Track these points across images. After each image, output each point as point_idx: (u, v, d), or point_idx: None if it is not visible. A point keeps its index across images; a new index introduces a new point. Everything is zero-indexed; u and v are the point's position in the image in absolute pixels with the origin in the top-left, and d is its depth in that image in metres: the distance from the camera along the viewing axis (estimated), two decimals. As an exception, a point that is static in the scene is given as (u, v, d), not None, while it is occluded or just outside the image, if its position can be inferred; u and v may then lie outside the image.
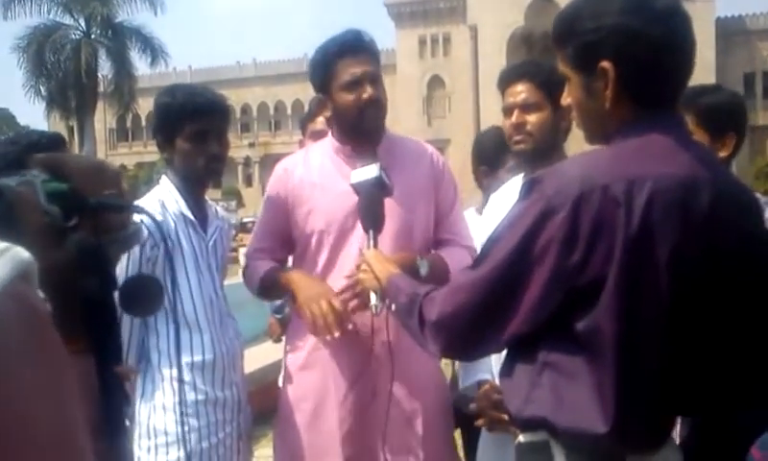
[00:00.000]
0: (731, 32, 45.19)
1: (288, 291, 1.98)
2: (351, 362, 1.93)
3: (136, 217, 0.87)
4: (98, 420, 0.82)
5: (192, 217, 2.03)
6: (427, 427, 1.97)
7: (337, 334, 1.79)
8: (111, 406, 0.87)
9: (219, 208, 2.28)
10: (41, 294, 0.63)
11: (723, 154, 1.96)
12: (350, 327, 1.85)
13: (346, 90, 1.91)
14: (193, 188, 2.07)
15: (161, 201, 2.01)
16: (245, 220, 23.10)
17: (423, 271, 1.85)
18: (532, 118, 1.93)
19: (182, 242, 2.00)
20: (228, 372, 2.05)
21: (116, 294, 0.87)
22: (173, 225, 1.99)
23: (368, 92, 1.90)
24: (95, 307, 0.80)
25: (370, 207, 1.73)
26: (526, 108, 1.94)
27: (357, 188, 1.75)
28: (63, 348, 0.56)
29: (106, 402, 0.84)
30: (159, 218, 1.95)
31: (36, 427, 0.48)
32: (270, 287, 2.04)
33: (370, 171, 1.73)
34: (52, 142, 1.84)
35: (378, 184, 1.73)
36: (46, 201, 0.74)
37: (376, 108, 1.93)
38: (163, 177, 2.09)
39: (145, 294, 0.93)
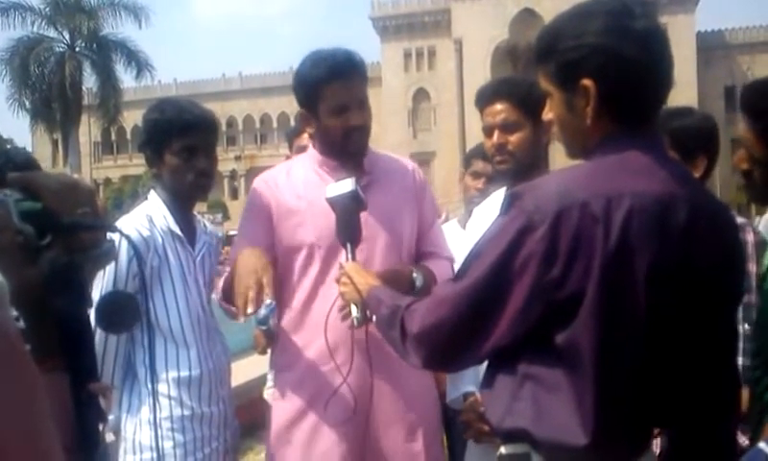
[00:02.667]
0: (711, 46, 45.90)
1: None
2: (331, 378, 1.90)
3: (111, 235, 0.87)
4: (73, 437, 0.81)
5: (180, 232, 2.04)
6: (422, 439, 1.95)
7: (242, 320, 1.65)
8: (86, 423, 0.86)
9: (207, 223, 2.28)
10: (14, 312, 0.63)
11: (695, 175, 1.99)
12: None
13: (333, 115, 1.91)
14: (181, 203, 2.07)
15: (149, 216, 2.01)
16: (231, 233, 22.98)
17: (419, 283, 1.87)
18: (513, 138, 1.94)
19: (170, 257, 2.00)
20: (216, 387, 2.04)
21: (91, 311, 0.87)
22: (160, 240, 1.99)
23: (355, 119, 1.91)
24: (69, 325, 0.80)
25: (346, 221, 1.73)
26: (506, 128, 1.95)
27: (332, 202, 1.75)
28: (34, 367, 0.55)
29: (80, 419, 0.84)
30: (146, 233, 1.96)
31: (6, 447, 0.48)
32: (228, 285, 1.87)
33: (345, 185, 1.73)
34: (21, 163, 1.83)
35: (354, 198, 1.73)
36: (20, 220, 0.74)
37: (362, 133, 1.94)
38: (151, 192, 2.10)
39: (121, 310, 0.93)
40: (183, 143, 1.98)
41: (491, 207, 2.06)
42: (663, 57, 1.22)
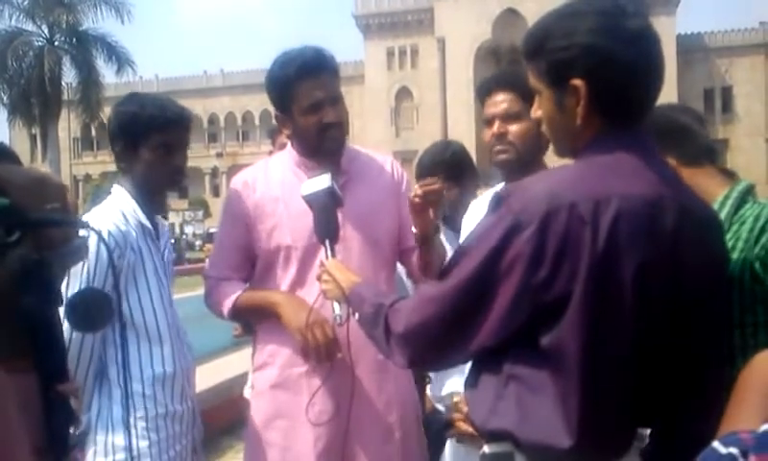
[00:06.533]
0: (690, 48, 46.47)
1: (271, 315, 1.91)
2: (310, 378, 1.89)
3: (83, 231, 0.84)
4: (42, 438, 0.78)
5: (151, 227, 2.01)
6: (398, 442, 1.94)
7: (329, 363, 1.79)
8: (56, 424, 0.84)
9: (161, 218, 2.24)
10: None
11: None
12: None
13: (307, 113, 1.89)
14: (152, 198, 2.04)
15: (122, 211, 1.97)
16: (211, 230, 22.90)
17: None
18: (513, 128, 1.92)
19: (143, 253, 1.97)
20: (185, 384, 2.03)
21: (62, 310, 0.83)
22: (134, 235, 1.95)
23: (329, 116, 1.88)
24: (37, 324, 0.77)
25: (324, 218, 1.72)
26: (507, 118, 1.92)
27: (309, 200, 1.73)
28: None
29: (50, 421, 0.81)
30: (123, 229, 1.93)
31: None
32: (245, 311, 1.98)
33: (321, 182, 1.71)
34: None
35: (330, 194, 1.71)
36: None
37: (337, 130, 1.91)
38: (115, 186, 2.05)
39: (92, 309, 0.90)
40: (162, 139, 1.96)
41: (486, 204, 2.04)
42: (654, 57, 1.20)
